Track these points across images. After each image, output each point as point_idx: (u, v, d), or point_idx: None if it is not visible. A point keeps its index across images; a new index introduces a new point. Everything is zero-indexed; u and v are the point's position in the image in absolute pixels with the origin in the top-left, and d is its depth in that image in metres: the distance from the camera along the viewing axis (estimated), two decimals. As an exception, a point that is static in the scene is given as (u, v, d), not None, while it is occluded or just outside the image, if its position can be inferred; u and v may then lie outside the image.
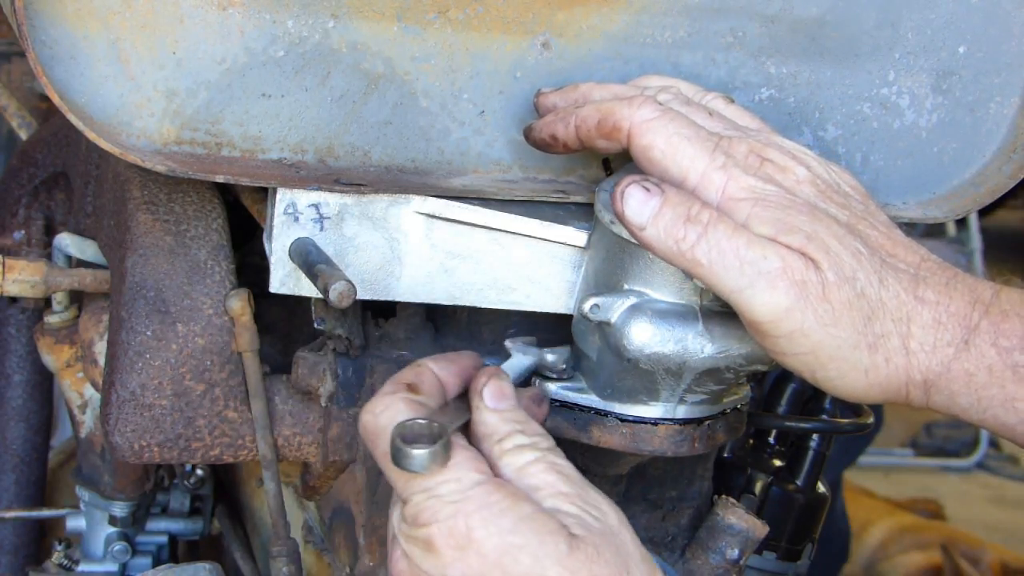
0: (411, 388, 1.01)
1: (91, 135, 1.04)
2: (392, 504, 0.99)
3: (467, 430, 1.01)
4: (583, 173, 1.17)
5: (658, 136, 1.01)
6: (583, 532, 0.93)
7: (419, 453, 0.93)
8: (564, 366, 1.12)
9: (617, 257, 1.07)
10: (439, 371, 1.03)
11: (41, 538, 1.79)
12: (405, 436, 0.94)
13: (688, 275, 1.00)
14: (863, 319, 0.97)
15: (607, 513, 0.97)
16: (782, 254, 0.96)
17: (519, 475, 0.97)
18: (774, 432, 1.47)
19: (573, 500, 0.96)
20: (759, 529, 1.24)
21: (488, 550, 0.92)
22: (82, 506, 1.59)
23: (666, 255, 0.99)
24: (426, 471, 0.93)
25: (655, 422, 1.11)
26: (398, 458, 0.93)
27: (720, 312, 1.06)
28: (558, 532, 0.92)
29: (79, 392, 1.49)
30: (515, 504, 0.93)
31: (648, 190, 0.98)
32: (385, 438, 0.96)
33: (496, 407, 1.00)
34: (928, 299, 0.99)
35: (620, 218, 0.99)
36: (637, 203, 0.99)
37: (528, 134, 1.10)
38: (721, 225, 0.97)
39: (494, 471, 0.97)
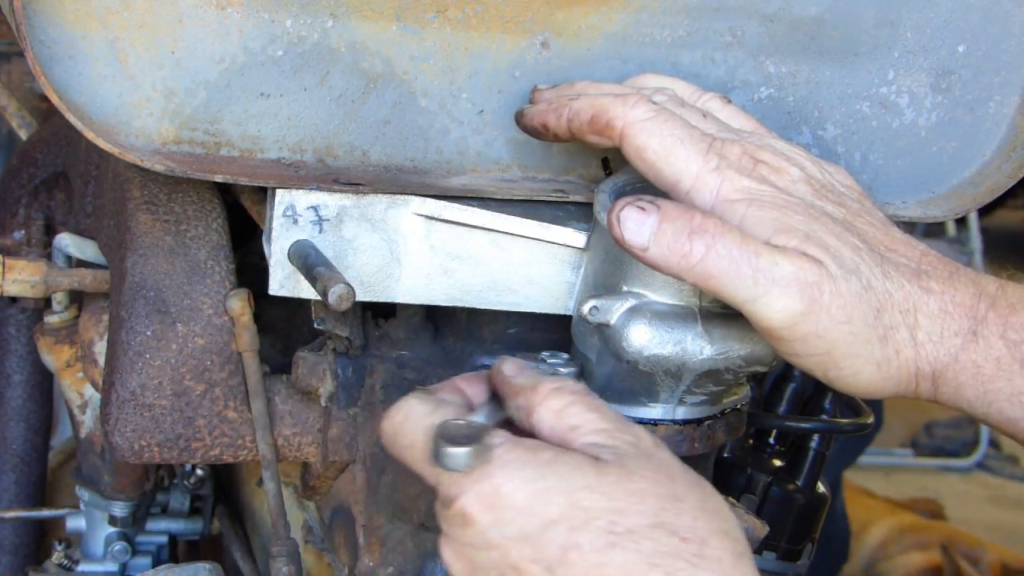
0: (426, 392, 1.01)
1: (90, 135, 1.04)
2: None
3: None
4: (582, 172, 1.17)
5: (652, 137, 1.01)
6: (612, 457, 0.92)
7: (460, 451, 0.92)
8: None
9: (616, 258, 1.07)
10: (458, 380, 1.03)
11: (41, 538, 1.79)
12: (445, 436, 0.93)
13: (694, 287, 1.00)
14: (873, 312, 0.97)
15: (642, 437, 0.95)
16: (792, 258, 0.96)
17: (559, 417, 0.95)
18: (774, 432, 1.47)
19: (612, 434, 0.94)
20: (759, 529, 1.24)
21: (519, 502, 0.90)
22: (82, 506, 1.59)
23: (674, 271, 0.97)
24: (467, 468, 0.92)
25: (655, 422, 1.11)
26: (439, 456, 0.92)
27: (719, 313, 1.06)
28: (584, 464, 0.91)
29: (79, 392, 1.49)
30: (535, 453, 0.92)
31: (643, 209, 0.97)
32: (408, 435, 0.96)
33: (517, 373, 1.00)
34: (933, 289, 0.99)
35: (620, 243, 0.98)
36: (635, 224, 0.97)
37: (519, 119, 1.10)
38: (729, 235, 0.96)
39: (531, 422, 0.96)
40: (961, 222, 5.14)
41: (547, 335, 1.19)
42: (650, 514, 0.90)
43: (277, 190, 1.08)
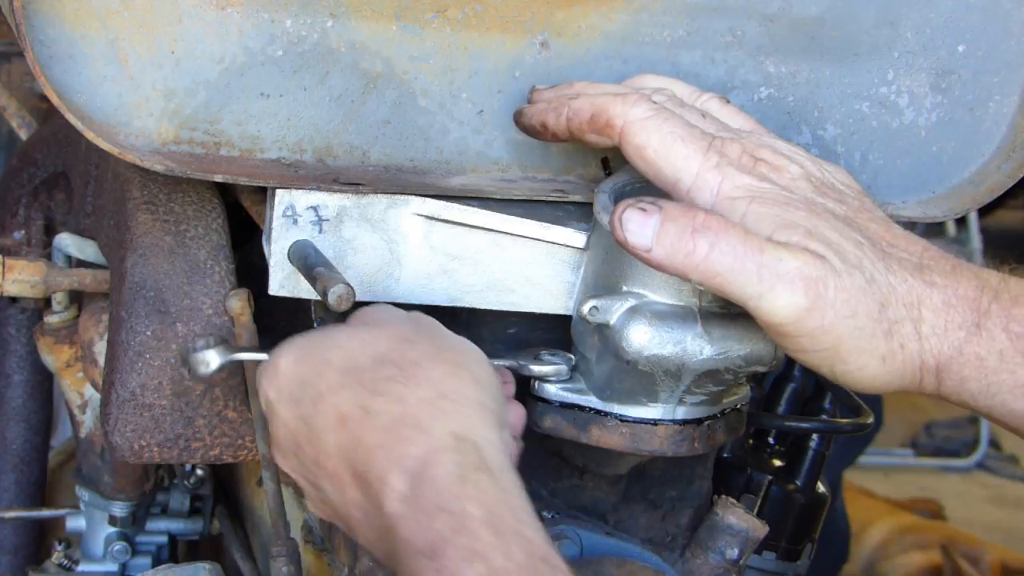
0: None
1: (90, 135, 1.04)
2: None
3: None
4: (582, 172, 1.17)
5: (652, 135, 1.01)
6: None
7: (202, 352, 1.05)
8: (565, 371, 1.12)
9: (616, 258, 1.07)
10: None
11: (41, 538, 1.79)
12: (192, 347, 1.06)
13: (698, 285, 1.00)
14: (877, 306, 0.97)
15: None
16: (795, 254, 0.96)
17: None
18: (774, 432, 1.47)
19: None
20: (759, 529, 1.24)
21: (287, 370, 1.01)
22: (82, 506, 1.59)
23: (678, 270, 0.97)
24: (211, 365, 1.04)
25: (655, 422, 1.11)
26: (189, 364, 1.05)
27: (719, 313, 1.06)
28: (340, 330, 1.01)
29: (79, 392, 1.49)
30: (310, 334, 1.03)
31: (645, 210, 0.97)
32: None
33: None
34: (936, 283, 0.99)
35: (623, 245, 0.98)
36: (637, 226, 0.97)
37: (518, 119, 1.10)
38: (732, 231, 0.96)
39: None
40: (961, 222, 5.14)
41: (547, 335, 1.19)
42: (376, 354, 0.97)
43: (277, 190, 1.08)
